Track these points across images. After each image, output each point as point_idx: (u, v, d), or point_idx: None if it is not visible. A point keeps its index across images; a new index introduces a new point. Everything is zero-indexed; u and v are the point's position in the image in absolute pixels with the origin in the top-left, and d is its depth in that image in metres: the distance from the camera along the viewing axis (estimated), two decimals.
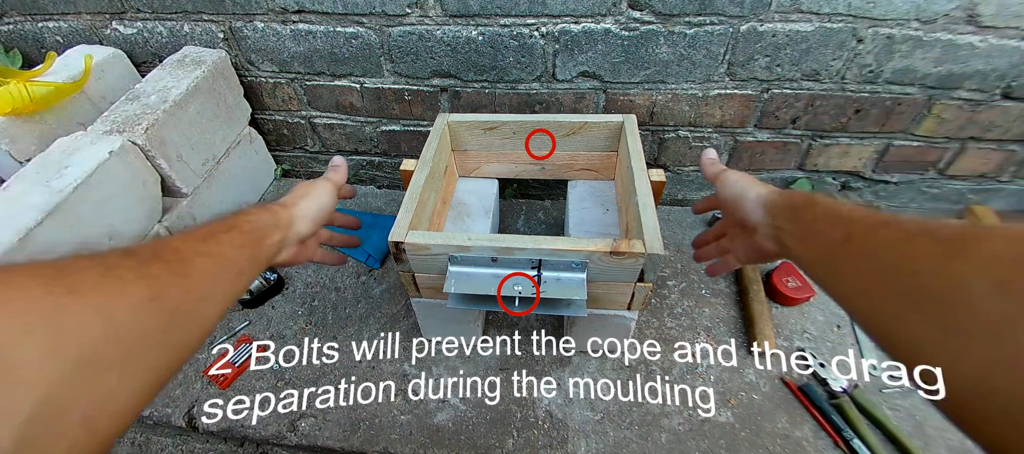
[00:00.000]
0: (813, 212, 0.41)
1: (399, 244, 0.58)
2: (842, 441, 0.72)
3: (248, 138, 1.07)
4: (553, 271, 0.59)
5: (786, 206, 0.45)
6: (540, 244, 0.57)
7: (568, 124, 0.82)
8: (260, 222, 0.46)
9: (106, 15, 0.97)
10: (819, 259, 0.39)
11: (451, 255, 0.58)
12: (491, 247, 0.57)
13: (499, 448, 0.74)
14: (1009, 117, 0.88)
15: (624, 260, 0.56)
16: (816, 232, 0.40)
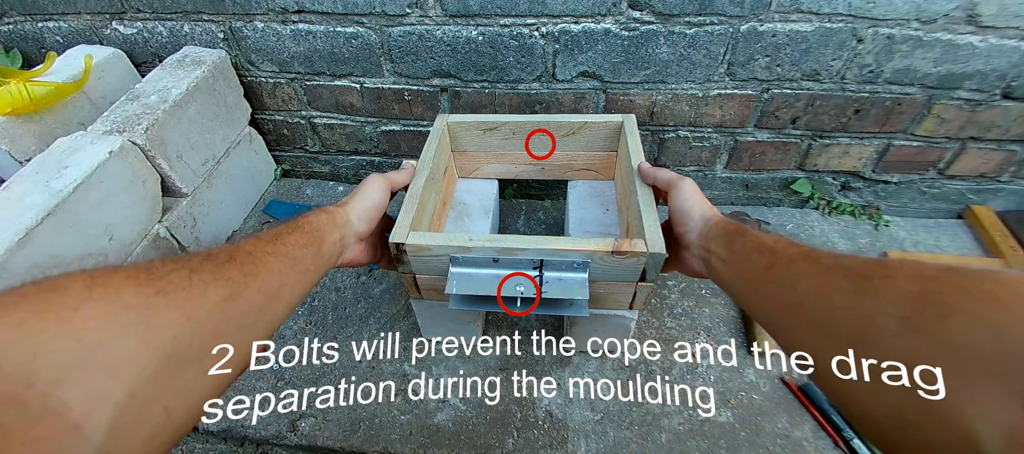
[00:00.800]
0: (743, 240, 0.44)
1: (400, 246, 0.57)
2: (842, 441, 0.72)
3: (248, 138, 1.07)
4: (555, 271, 0.59)
5: (720, 232, 0.47)
6: (541, 244, 0.57)
7: (568, 124, 0.82)
8: (319, 222, 0.48)
9: (106, 15, 0.97)
10: (745, 285, 0.42)
11: (453, 256, 0.58)
12: (492, 248, 0.57)
13: (499, 448, 0.74)
14: (1009, 117, 0.88)
15: (626, 259, 0.56)
16: (743, 259, 0.43)
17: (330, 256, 0.48)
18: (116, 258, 0.80)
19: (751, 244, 0.43)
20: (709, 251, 0.48)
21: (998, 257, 0.95)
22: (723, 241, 0.46)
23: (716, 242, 0.47)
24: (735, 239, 0.45)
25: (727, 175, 1.06)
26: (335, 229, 0.50)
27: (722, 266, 0.46)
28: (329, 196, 1.17)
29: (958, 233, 1.03)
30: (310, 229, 0.46)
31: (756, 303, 0.41)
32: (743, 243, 0.44)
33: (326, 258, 0.48)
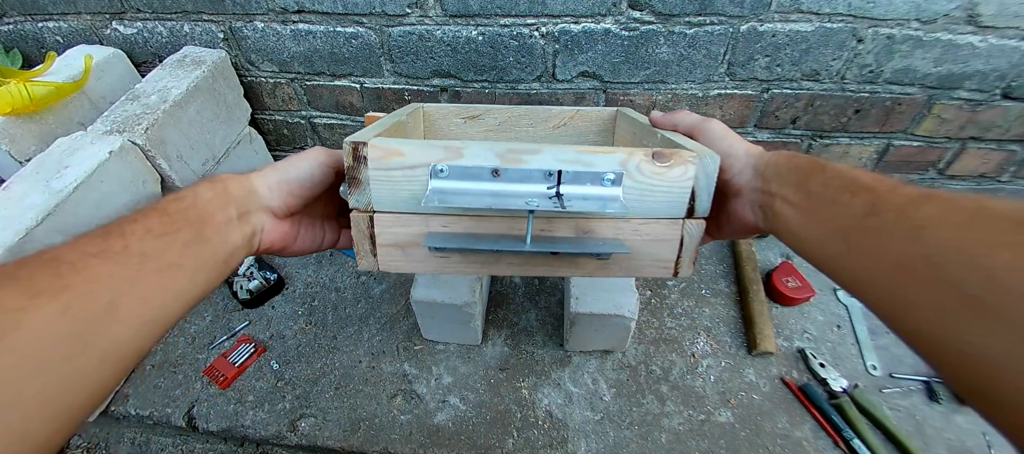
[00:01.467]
0: (822, 177, 0.33)
1: (358, 149, 0.38)
2: (842, 441, 0.72)
3: (248, 138, 1.07)
4: (577, 185, 0.40)
5: (786, 167, 0.36)
6: (560, 154, 0.40)
7: (558, 114, 0.75)
8: (198, 198, 0.35)
9: (106, 15, 0.97)
10: (828, 234, 0.31)
11: (434, 166, 0.39)
12: (492, 152, 0.39)
13: (499, 448, 0.74)
14: (1009, 117, 0.88)
15: (671, 169, 0.40)
16: (827, 201, 0.32)
17: (224, 241, 0.35)
18: None
19: (838, 180, 0.32)
20: (770, 193, 0.36)
21: None
22: (792, 179, 0.35)
23: (781, 181, 0.36)
24: (812, 175, 0.34)
25: None
26: (228, 203, 0.36)
27: (792, 212, 0.34)
28: None
29: None
30: (179, 208, 0.33)
31: (848, 261, 0.30)
32: (824, 179, 0.33)
33: (216, 245, 0.34)
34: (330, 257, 1.02)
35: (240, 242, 0.37)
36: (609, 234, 0.42)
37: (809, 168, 0.35)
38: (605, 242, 0.42)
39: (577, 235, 0.42)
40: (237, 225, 0.37)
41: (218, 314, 0.93)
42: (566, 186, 0.40)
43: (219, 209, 0.36)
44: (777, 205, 0.36)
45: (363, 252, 0.42)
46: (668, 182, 0.40)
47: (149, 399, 0.82)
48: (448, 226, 0.41)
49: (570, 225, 0.42)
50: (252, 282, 0.93)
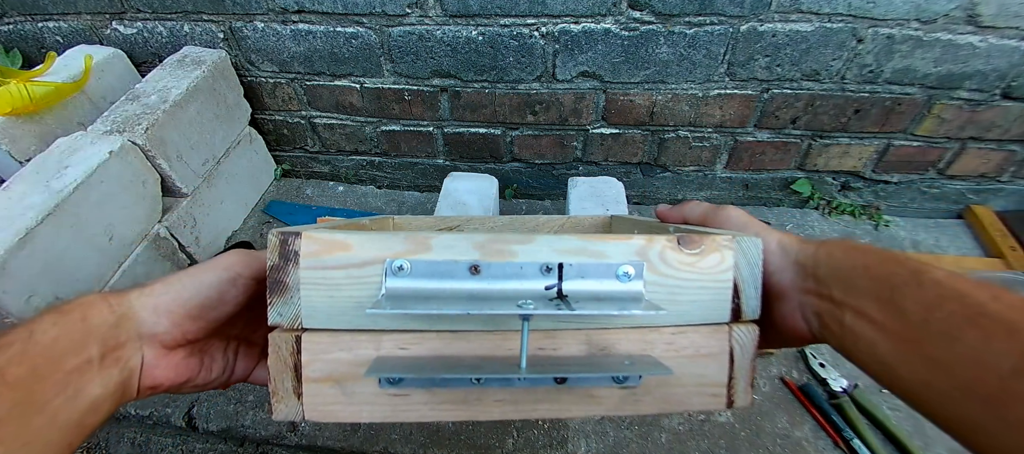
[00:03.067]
0: (920, 293, 0.23)
1: (286, 242, 0.28)
2: (842, 441, 0.72)
3: (248, 138, 1.07)
4: (584, 280, 0.30)
5: (853, 266, 0.26)
6: (559, 242, 0.30)
7: (547, 223, 0.62)
8: (33, 342, 0.25)
9: (106, 15, 0.97)
10: (951, 388, 0.22)
11: (392, 262, 0.28)
12: (470, 244, 0.29)
13: (499, 448, 0.74)
14: (1009, 117, 0.88)
15: (704, 257, 0.30)
16: (938, 334, 0.22)
17: (73, 398, 0.25)
18: (116, 258, 0.80)
19: (951, 303, 0.22)
20: (833, 301, 0.27)
21: (998, 257, 0.95)
22: (869, 287, 0.25)
23: (849, 287, 0.26)
24: (902, 288, 0.24)
25: (727, 175, 1.06)
26: (85, 340, 0.26)
27: (877, 337, 0.24)
28: (329, 196, 1.17)
29: (958, 233, 1.03)
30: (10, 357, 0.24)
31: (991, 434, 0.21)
32: (924, 298, 0.23)
33: (58, 408, 0.24)
34: None
35: (102, 392, 0.26)
36: (634, 349, 0.30)
37: (892, 274, 0.25)
38: (633, 361, 0.29)
39: (590, 353, 0.30)
40: (97, 370, 0.26)
41: None
42: (570, 282, 0.30)
43: (69, 351, 0.25)
44: (849, 320, 0.26)
45: (281, 391, 0.29)
46: (702, 274, 0.30)
47: (148, 399, 0.82)
48: (407, 347, 0.29)
49: (580, 339, 0.30)
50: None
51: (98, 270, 0.77)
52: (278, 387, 0.29)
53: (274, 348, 0.28)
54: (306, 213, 1.11)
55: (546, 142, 1.03)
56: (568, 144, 1.02)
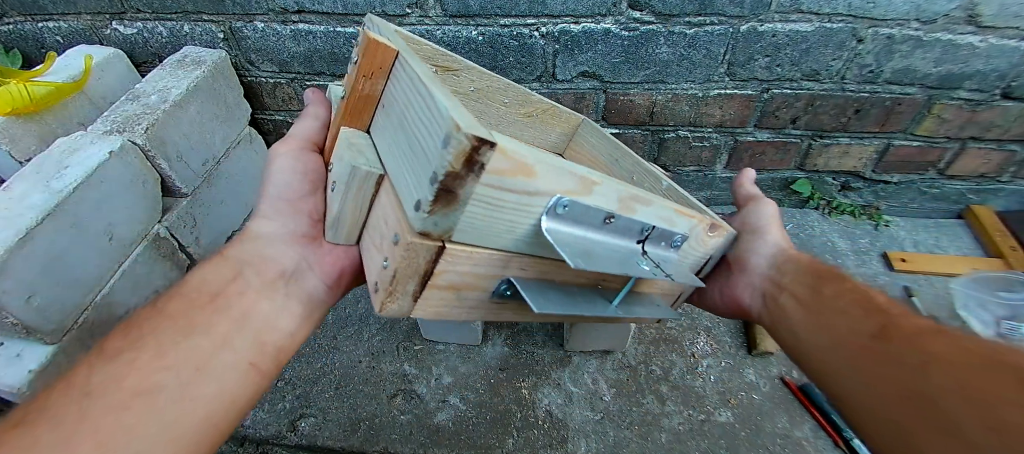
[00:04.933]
0: (838, 285, 0.33)
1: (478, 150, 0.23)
2: (842, 441, 0.72)
3: (248, 138, 1.07)
4: (654, 245, 0.37)
5: (804, 266, 0.36)
6: (661, 210, 0.35)
7: (537, 103, 0.66)
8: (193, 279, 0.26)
9: (106, 15, 0.97)
10: (830, 344, 0.31)
11: (560, 199, 0.29)
12: (616, 197, 0.32)
13: (499, 448, 0.74)
14: (1009, 117, 0.88)
15: (713, 238, 0.41)
16: (837, 310, 0.31)
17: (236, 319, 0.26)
18: (116, 258, 0.80)
19: (853, 293, 0.32)
20: (779, 286, 0.36)
21: (998, 257, 0.95)
22: (807, 278, 0.34)
23: (794, 277, 0.35)
24: (828, 281, 0.33)
25: (727, 175, 1.06)
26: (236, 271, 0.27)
27: (797, 310, 0.34)
28: None
29: (958, 233, 1.03)
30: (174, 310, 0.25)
31: (848, 382, 0.29)
32: (839, 288, 0.33)
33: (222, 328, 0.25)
34: None
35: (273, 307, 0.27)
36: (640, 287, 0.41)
37: (826, 274, 0.34)
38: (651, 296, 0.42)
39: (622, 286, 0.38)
40: (260, 290, 0.27)
41: None
42: (649, 245, 0.36)
43: (221, 282, 0.26)
44: (783, 299, 0.35)
45: (400, 292, 0.28)
46: (704, 248, 0.41)
47: None
48: (525, 270, 0.32)
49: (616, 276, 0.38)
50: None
51: (98, 270, 0.77)
52: (397, 288, 0.28)
53: (410, 254, 0.26)
54: None
55: None
56: None
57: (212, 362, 0.24)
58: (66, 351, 0.72)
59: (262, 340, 0.26)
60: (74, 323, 0.74)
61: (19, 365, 0.69)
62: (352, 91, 0.32)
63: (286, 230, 0.29)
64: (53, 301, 0.70)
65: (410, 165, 0.27)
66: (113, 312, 0.79)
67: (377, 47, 0.30)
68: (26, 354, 0.70)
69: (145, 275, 0.85)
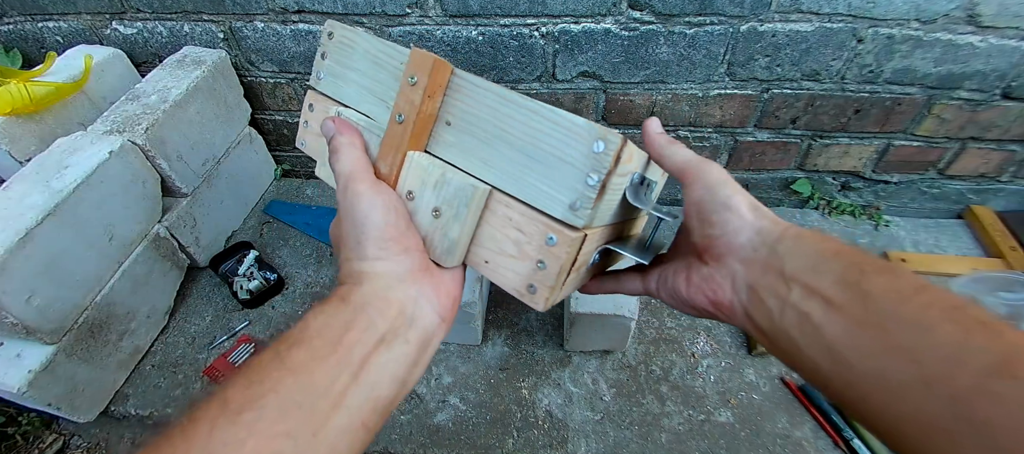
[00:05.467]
0: (892, 280, 0.22)
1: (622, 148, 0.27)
2: (842, 441, 0.72)
3: (248, 138, 1.07)
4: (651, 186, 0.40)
5: (820, 249, 0.25)
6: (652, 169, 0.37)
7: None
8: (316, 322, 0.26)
9: (106, 15, 0.97)
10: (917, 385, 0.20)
11: (635, 174, 0.33)
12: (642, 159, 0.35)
13: (499, 448, 0.74)
14: (1009, 117, 0.88)
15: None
16: (906, 322, 0.21)
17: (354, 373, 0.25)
18: (116, 258, 0.80)
19: (925, 296, 0.21)
20: (785, 277, 0.25)
21: (998, 257, 0.95)
22: (834, 268, 0.24)
23: (809, 266, 0.25)
24: (872, 274, 0.23)
25: None
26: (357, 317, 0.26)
27: (833, 320, 0.23)
28: (329, 196, 1.17)
29: (958, 233, 1.03)
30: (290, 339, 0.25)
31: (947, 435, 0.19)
32: (899, 289, 0.22)
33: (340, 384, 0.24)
34: (330, 257, 1.02)
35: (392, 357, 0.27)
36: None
37: (864, 261, 0.23)
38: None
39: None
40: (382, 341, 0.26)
41: (218, 314, 0.93)
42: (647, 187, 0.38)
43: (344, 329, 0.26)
44: (796, 297, 0.24)
45: (558, 284, 0.30)
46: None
47: (149, 399, 0.82)
48: (602, 238, 0.35)
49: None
50: (252, 282, 0.93)
51: (98, 270, 0.77)
52: (559, 281, 0.30)
53: (570, 249, 0.29)
54: (306, 213, 1.10)
55: None
56: None
57: (328, 425, 0.24)
58: (66, 351, 0.72)
59: (376, 396, 0.26)
60: (74, 323, 0.74)
61: (19, 365, 0.69)
62: (418, 113, 0.31)
63: (403, 268, 0.29)
64: (53, 301, 0.70)
65: (537, 173, 0.29)
66: (113, 312, 0.79)
67: (441, 66, 0.30)
68: (26, 354, 0.70)
69: (145, 275, 0.85)
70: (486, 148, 0.30)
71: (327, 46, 0.37)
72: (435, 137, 0.32)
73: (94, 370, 0.77)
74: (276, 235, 1.07)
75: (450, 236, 0.30)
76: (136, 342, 0.85)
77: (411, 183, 0.31)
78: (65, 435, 0.90)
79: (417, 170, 0.31)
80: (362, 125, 0.33)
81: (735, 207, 0.28)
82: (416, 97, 0.30)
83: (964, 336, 0.19)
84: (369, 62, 0.35)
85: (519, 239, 0.30)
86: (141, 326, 0.85)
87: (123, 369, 0.83)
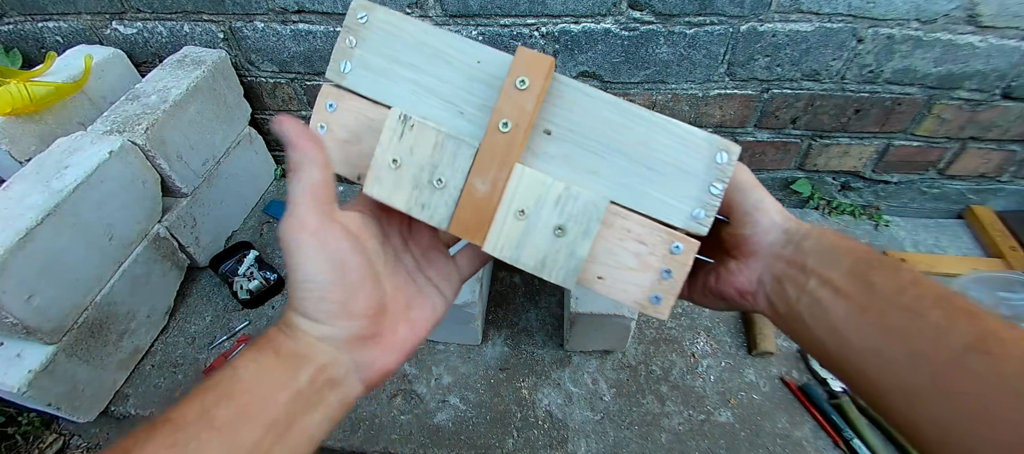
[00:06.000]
0: (894, 276, 0.25)
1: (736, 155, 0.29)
2: (842, 441, 0.72)
3: (248, 138, 1.07)
4: None
5: (838, 246, 0.28)
6: None
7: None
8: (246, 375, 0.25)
9: (106, 15, 0.97)
10: (904, 359, 0.23)
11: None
12: None
13: (499, 448, 0.74)
14: (1009, 117, 0.88)
15: None
16: (901, 308, 0.24)
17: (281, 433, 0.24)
18: (116, 258, 0.80)
19: (920, 288, 0.24)
20: (804, 269, 0.28)
21: (998, 257, 0.95)
22: (845, 262, 0.27)
23: (826, 260, 0.27)
24: (879, 269, 0.26)
25: None
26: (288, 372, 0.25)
27: (839, 305, 0.26)
28: None
29: (958, 233, 1.03)
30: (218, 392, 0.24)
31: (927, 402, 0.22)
32: (897, 279, 0.25)
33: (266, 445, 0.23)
34: None
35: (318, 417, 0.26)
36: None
37: (873, 257, 0.26)
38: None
39: None
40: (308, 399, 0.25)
41: (218, 314, 0.93)
42: None
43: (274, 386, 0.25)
44: (812, 285, 0.27)
45: (677, 293, 0.30)
46: None
47: (149, 399, 0.82)
48: None
49: None
50: (252, 282, 0.93)
51: (98, 270, 0.77)
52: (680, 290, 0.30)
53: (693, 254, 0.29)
54: None
55: None
56: None
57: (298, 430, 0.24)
58: (66, 351, 0.72)
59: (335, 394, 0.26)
60: (74, 323, 0.74)
61: (19, 365, 0.69)
62: (530, 123, 0.27)
63: (342, 336, 0.26)
64: (53, 301, 0.70)
65: (655, 184, 0.29)
66: (113, 312, 0.79)
67: (552, 68, 0.27)
68: (26, 354, 0.70)
69: (145, 275, 0.85)
70: (596, 159, 0.29)
71: (359, 31, 0.30)
72: (531, 147, 0.29)
73: (94, 370, 0.77)
74: (276, 235, 1.07)
75: (578, 255, 0.28)
76: (136, 342, 0.85)
77: (522, 200, 0.28)
78: (65, 435, 0.90)
79: (531, 186, 0.28)
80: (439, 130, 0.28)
81: (766, 210, 0.31)
82: (528, 103, 0.27)
83: (948, 320, 0.23)
84: (427, 56, 0.29)
85: (640, 251, 0.29)
86: (141, 326, 0.85)
87: (123, 369, 0.83)
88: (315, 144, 0.26)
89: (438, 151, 0.28)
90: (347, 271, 0.26)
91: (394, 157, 0.28)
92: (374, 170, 0.29)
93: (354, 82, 0.31)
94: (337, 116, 0.31)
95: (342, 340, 0.26)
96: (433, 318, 0.31)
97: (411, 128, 0.28)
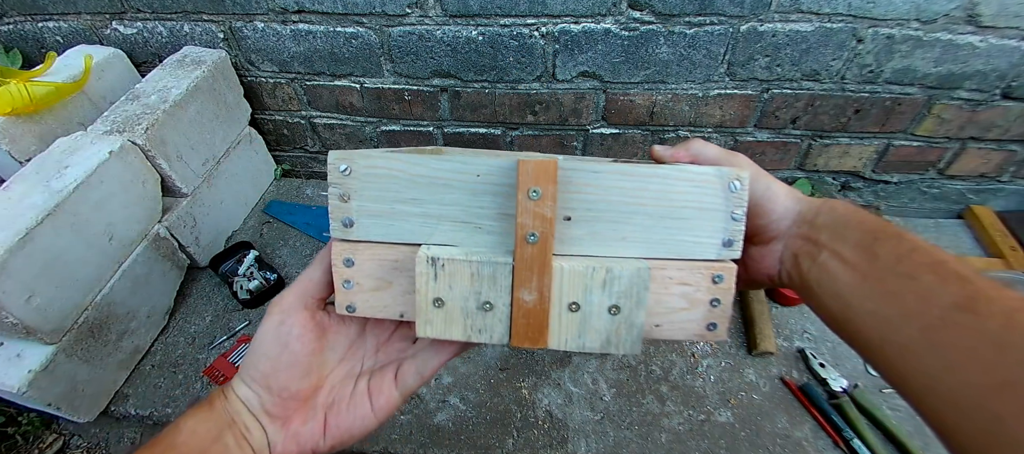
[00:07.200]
0: (897, 244, 0.27)
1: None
2: (842, 441, 0.72)
3: (248, 138, 1.07)
4: None
5: (848, 219, 0.29)
6: None
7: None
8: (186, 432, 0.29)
9: (106, 15, 0.97)
10: (897, 316, 0.25)
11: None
12: None
13: (499, 448, 0.74)
14: (1009, 117, 0.88)
15: None
16: (901, 274, 0.26)
17: None
18: (116, 258, 0.80)
19: (919, 254, 0.26)
20: (816, 243, 0.30)
21: (998, 257, 0.95)
22: (854, 235, 0.29)
23: (836, 233, 0.29)
24: (884, 239, 0.28)
25: None
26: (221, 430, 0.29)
27: (845, 273, 0.28)
28: None
29: (958, 233, 1.03)
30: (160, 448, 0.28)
31: (917, 355, 0.24)
32: (898, 248, 0.27)
33: None
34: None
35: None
36: None
37: (879, 229, 0.28)
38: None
39: None
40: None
41: (218, 314, 0.93)
42: None
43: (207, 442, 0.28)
44: (823, 257, 0.29)
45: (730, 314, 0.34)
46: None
47: (149, 399, 0.82)
48: None
49: None
50: (252, 282, 0.93)
51: (98, 270, 0.77)
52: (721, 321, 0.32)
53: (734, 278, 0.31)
54: (306, 213, 1.10)
55: (546, 142, 1.03)
56: (568, 144, 1.02)
57: None
58: (66, 351, 0.72)
59: None
60: (74, 323, 0.74)
61: (19, 365, 0.69)
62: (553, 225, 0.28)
63: (257, 404, 0.30)
64: (53, 301, 0.70)
65: (681, 229, 0.30)
66: (113, 312, 0.79)
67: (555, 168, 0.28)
68: (26, 354, 0.70)
69: (145, 275, 0.85)
70: (621, 226, 0.30)
71: (347, 184, 0.29)
72: (558, 237, 0.29)
73: (94, 370, 0.77)
74: (276, 235, 1.07)
75: (637, 324, 0.29)
76: (136, 342, 0.85)
77: (571, 295, 0.29)
78: (65, 435, 0.90)
79: (574, 279, 0.29)
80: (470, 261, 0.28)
81: (776, 196, 0.33)
82: (546, 210, 0.28)
83: (941, 283, 0.24)
84: (425, 187, 0.29)
85: (686, 292, 0.31)
86: (141, 326, 0.85)
87: (123, 369, 0.83)
88: (326, 252, 0.32)
89: (477, 280, 0.29)
90: (285, 352, 0.30)
91: (436, 297, 0.29)
92: (421, 314, 0.29)
93: (363, 233, 0.30)
94: (359, 269, 0.31)
95: (258, 408, 0.30)
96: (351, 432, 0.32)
97: (442, 268, 0.28)
